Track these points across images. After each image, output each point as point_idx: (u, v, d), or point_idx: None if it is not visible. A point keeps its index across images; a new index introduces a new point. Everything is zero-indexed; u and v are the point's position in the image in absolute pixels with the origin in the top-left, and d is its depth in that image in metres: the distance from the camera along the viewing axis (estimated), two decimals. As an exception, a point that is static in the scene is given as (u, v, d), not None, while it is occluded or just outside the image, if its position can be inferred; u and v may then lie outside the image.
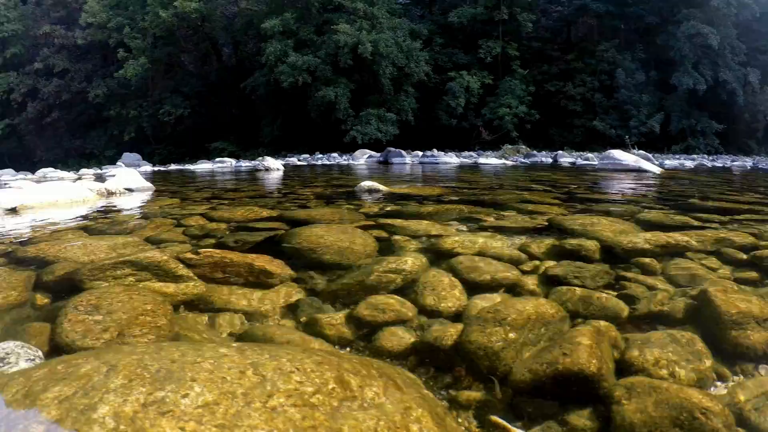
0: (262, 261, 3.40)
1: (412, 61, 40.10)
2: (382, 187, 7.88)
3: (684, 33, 40.48)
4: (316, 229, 4.16)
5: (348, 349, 2.59)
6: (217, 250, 3.56)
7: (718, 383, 2.36)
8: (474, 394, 2.20)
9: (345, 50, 36.58)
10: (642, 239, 4.12)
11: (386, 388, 1.85)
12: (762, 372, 2.46)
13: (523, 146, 30.30)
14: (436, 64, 43.27)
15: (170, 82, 47.36)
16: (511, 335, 2.43)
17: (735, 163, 27.03)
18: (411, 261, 3.44)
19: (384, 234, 4.45)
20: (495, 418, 2.04)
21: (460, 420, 2.05)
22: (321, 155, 28.78)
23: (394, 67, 38.83)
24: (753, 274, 3.61)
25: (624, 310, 2.94)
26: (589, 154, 23.58)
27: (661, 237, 4.21)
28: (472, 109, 41.87)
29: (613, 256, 3.91)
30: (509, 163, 21.22)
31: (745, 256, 4.01)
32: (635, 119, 40.54)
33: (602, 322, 2.74)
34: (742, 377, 2.42)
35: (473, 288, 3.20)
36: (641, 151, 21.31)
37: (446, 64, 43.60)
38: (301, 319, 2.85)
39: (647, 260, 3.76)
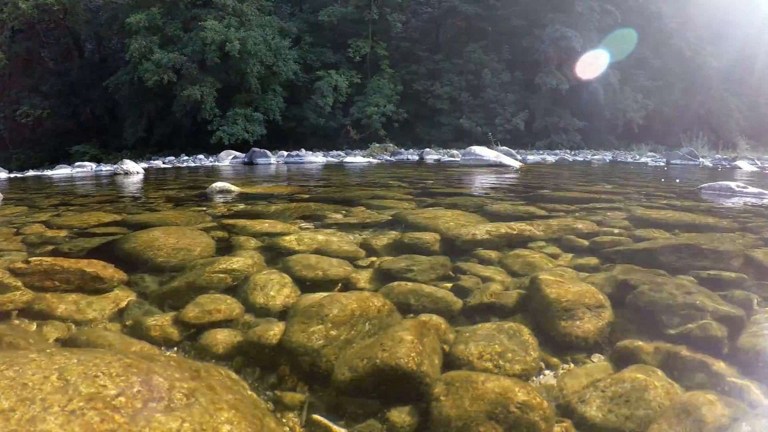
0: (94, 266, 3.27)
1: (281, 60, 39.31)
2: (234, 187, 7.74)
3: (549, 36, 42.09)
4: (154, 233, 4.03)
5: (174, 350, 2.52)
6: (49, 258, 3.40)
7: (548, 374, 2.33)
8: (298, 394, 2.16)
9: (212, 48, 35.25)
10: (483, 230, 4.10)
11: (198, 389, 1.81)
12: (594, 361, 2.43)
13: (391, 144, 30.44)
14: (304, 62, 42.68)
15: (29, 80, 44.13)
16: (333, 332, 2.37)
17: (595, 157, 28.18)
18: (242, 261, 3.37)
19: (225, 234, 4.35)
20: (318, 417, 2.01)
21: (284, 420, 2.01)
22: (186, 157, 27.82)
23: (262, 66, 37.90)
24: (593, 260, 3.68)
25: (456, 302, 2.89)
26: (455, 151, 23.93)
27: (503, 227, 4.22)
28: (340, 108, 41.58)
29: (453, 248, 3.88)
30: (375, 161, 21.28)
31: (587, 243, 4.10)
32: (500, 117, 41.67)
33: (433, 316, 2.70)
34: (573, 367, 2.39)
35: (305, 285, 3.14)
36: (504, 147, 21.80)
37: (315, 63, 43.14)
38: (128, 323, 2.77)
39: (486, 251, 3.75)
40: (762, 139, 39.55)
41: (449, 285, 3.17)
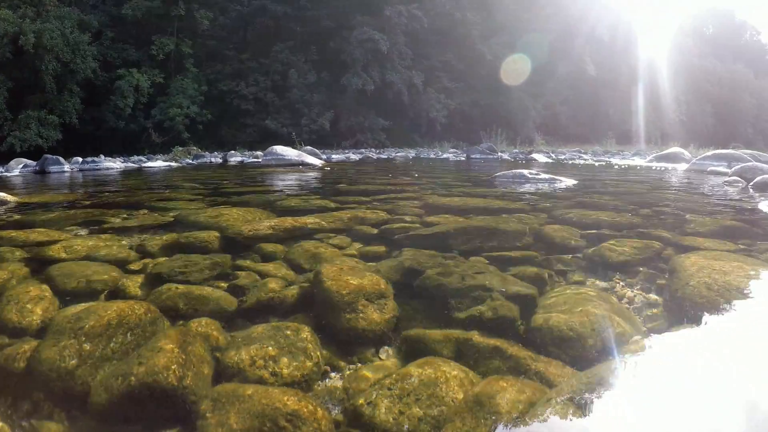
0: None
1: (79, 56, 36.50)
2: (11, 198, 7.06)
3: (356, 38, 43.80)
4: None
5: None
6: None
7: (333, 376, 2.14)
8: (55, 425, 1.85)
9: (4, 41, 32.16)
10: (266, 225, 3.96)
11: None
12: (382, 357, 2.27)
13: (194, 147, 29.44)
14: (104, 60, 40.34)
15: None
16: (87, 347, 2.05)
17: (399, 154, 29.39)
18: (-6, 274, 2.95)
19: (-14, 247, 3.86)
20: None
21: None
22: (-26, 169, 25.68)
23: (58, 63, 34.99)
24: (381, 248, 3.60)
25: (232, 303, 2.67)
26: (258, 152, 23.81)
27: (289, 221, 4.11)
28: (141, 110, 40.03)
29: (234, 245, 3.69)
30: (175, 165, 20.65)
31: (376, 231, 4.08)
32: (306, 117, 42.37)
33: (203, 320, 2.44)
34: (360, 365, 2.21)
35: (67, 296, 2.79)
36: (309, 147, 21.86)
37: (116, 61, 41.15)
38: None
39: (269, 246, 3.59)
40: (556, 134, 43.65)
41: (225, 285, 2.95)
